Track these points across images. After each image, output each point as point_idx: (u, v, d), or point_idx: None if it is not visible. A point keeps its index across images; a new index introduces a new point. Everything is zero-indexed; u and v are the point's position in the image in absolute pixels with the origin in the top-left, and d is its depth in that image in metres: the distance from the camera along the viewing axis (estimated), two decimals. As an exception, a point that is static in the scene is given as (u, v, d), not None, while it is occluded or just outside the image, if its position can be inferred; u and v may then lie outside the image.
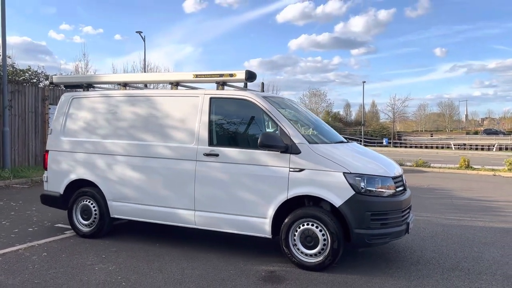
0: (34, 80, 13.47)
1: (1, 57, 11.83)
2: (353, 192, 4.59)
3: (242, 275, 4.58)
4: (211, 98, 5.39)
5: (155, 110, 5.70)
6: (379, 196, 4.68)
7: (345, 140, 5.84)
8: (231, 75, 5.35)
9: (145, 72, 32.78)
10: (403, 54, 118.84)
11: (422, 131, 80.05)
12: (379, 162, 5.13)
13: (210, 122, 5.32)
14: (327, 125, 6.19)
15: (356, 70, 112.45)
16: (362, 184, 4.62)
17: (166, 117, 5.60)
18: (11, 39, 65.65)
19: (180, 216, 5.39)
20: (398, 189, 4.90)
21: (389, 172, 4.91)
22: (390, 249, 5.69)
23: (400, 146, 47.33)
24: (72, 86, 6.60)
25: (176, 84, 5.84)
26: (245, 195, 5.03)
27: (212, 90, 5.57)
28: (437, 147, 44.84)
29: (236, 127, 5.47)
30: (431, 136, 65.41)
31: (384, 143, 48.10)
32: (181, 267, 4.80)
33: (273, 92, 54.70)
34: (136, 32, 31.62)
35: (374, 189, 4.66)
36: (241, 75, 5.29)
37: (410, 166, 18.36)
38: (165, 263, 4.95)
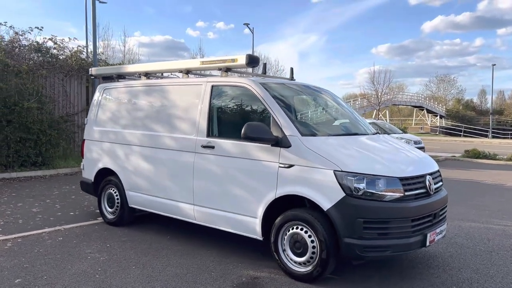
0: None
1: (92, 54, 12.95)
2: (344, 194, 3.85)
3: (219, 279, 4.17)
4: (212, 86, 5.03)
5: (164, 100, 5.53)
6: (378, 200, 3.84)
7: (367, 132, 5.00)
8: (233, 60, 4.93)
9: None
10: None
11: None
12: (390, 159, 4.26)
13: (210, 112, 4.96)
14: (350, 113, 5.37)
15: (502, 52, 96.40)
16: (357, 185, 3.85)
17: (173, 106, 5.40)
18: (155, 38, 74.88)
19: (181, 209, 5.17)
20: (409, 193, 3.98)
21: (401, 172, 4.03)
22: (419, 263, 4.73)
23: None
24: (108, 78, 6.78)
25: (186, 72, 5.60)
26: (237, 191, 4.59)
27: (215, 77, 5.21)
28: None
29: (233, 117, 5.01)
30: None
31: (519, 135, 41.96)
32: (167, 264, 4.57)
33: (386, 79, 49.47)
34: (244, 24, 32.40)
35: (374, 192, 3.84)
36: (242, 60, 4.82)
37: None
38: (156, 257, 4.78)
